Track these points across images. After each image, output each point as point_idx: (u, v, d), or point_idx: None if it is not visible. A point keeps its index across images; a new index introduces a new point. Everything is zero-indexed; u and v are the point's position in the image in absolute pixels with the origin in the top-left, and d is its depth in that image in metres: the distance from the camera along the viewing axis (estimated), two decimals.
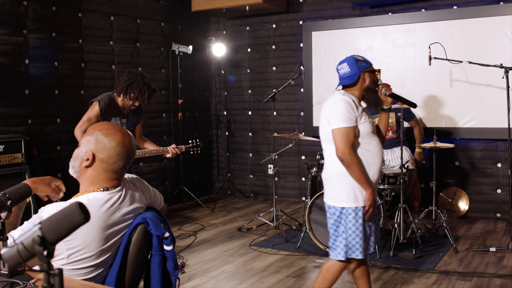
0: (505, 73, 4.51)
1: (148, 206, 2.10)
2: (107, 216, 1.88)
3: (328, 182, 3.03)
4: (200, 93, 7.47)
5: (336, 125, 2.87)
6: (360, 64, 3.01)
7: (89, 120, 4.09)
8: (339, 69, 3.07)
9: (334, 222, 2.97)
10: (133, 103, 4.13)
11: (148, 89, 4.07)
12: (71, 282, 1.76)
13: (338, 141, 2.86)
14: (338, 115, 2.86)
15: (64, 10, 5.47)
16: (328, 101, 3.00)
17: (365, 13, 6.43)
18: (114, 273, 1.92)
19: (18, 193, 1.77)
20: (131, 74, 4.09)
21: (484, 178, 5.89)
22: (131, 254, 1.94)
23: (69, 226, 1.13)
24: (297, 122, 6.92)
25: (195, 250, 4.86)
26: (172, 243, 1.98)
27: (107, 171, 1.92)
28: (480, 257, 4.46)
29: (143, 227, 1.95)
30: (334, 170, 2.96)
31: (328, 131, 2.94)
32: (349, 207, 2.91)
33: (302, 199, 6.23)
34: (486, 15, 5.64)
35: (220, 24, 7.52)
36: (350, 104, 2.89)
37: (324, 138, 3.02)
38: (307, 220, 4.70)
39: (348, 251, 2.94)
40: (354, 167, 2.85)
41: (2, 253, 1.13)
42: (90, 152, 1.91)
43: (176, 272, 1.99)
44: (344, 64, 3.03)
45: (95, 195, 1.89)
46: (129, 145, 1.96)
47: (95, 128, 1.95)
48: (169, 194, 6.83)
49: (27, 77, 5.10)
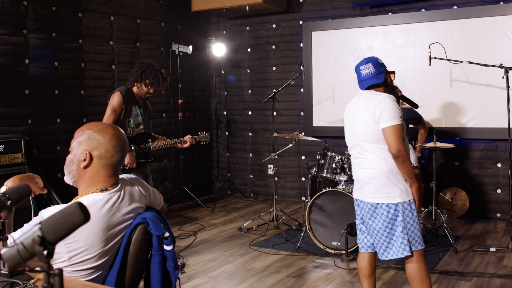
0: (505, 73, 4.51)
1: (148, 206, 2.10)
2: (107, 217, 1.88)
3: (375, 181, 2.99)
4: (200, 93, 7.47)
5: (390, 123, 2.88)
6: (382, 64, 3.09)
7: (114, 111, 4.16)
8: (361, 69, 3.07)
9: (389, 220, 2.96)
10: (147, 90, 4.27)
11: (161, 75, 4.28)
12: (71, 282, 1.76)
13: (393, 138, 2.87)
14: (391, 113, 2.88)
15: (64, 10, 5.47)
16: (369, 100, 2.97)
17: (365, 13, 6.43)
18: (114, 273, 1.92)
19: (18, 193, 1.77)
20: (143, 63, 4.27)
21: (484, 178, 5.89)
22: (131, 254, 1.94)
23: (69, 226, 1.14)
24: (297, 122, 6.92)
25: (195, 250, 4.86)
26: (172, 243, 1.98)
27: (106, 166, 1.92)
28: (480, 257, 4.45)
29: (143, 227, 1.95)
30: (384, 168, 2.96)
31: (376, 130, 2.94)
32: (404, 202, 2.94)
33: (302, 199, 6.23)
34: (486, 15, 5.64)
35: (220, 24, 7.52)
36: (395, 101, 2.95)
37: (368, 138, 2.99)
38: (307, 220, 4.71)
39: (411, 245, 2.96)
40: (408, 163, 2.90)
41: (2, 253, 1.13)
42: (86, 152, 1.91)
43: (176, 272, 1.99)
44: (368, 64, 3.06)
45: (94, 196, 1.89)
46: (122, 136, 1.97)
47: (83, 129, 1.95)
48: (169, 194, 6.83)
49: (27, 77, 5.10)
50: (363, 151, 3.04)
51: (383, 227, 2.99)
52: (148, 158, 4.33)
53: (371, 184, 3.02)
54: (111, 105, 4.18)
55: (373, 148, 2.99)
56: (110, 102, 4.20)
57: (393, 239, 2.97)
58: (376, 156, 2.99)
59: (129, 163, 4.15)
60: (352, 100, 3.15)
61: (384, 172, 2.96)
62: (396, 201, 2.94)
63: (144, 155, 4.30)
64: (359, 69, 3.09)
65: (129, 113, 4.24)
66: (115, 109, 4.16)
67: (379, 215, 3.00)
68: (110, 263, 1.93)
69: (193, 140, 4.48)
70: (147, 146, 4.31)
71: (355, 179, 3.18)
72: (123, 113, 4.19)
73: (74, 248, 1.80)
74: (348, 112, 3.17)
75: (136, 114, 4.29)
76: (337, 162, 4.77)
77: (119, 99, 4.17)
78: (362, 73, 3.07)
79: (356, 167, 3.14)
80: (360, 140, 3.04)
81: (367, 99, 2.99)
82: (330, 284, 3.91)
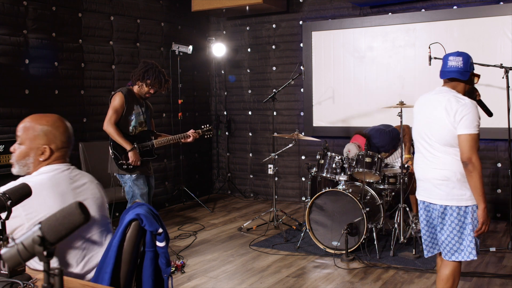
0: (505, 73, 4.51)
1: (101, 202, 2.25)
2: (64, 182, 2.09)
3: (447, 182, 2.92)
4: (200, 93, 7.47)
5: (468, 131, 2.81)
6: (472, 64, 3.02)
7: (116, 111, 4.18)
8: (450, 59, 2.99)
9: (458, 222, 2.92)
10: (148, 90, 4.30)
11: (163, 76, 4.32)
12: (71, 282, 1.76)
13: (468, 147, 2.80)
14: (471, 121, 2.81)
15: (64, 10, 5.47)
16: (452, 103, 2.88)
17: (365, 13, 6.43)
18: (109, 270, 1.91)
19: (18, 193, 1.77)
20: (146, 63, 4.31)
21: (484, 178, 5.83)
22: (126, 251, 1.94)
23: (69, 226, 1.14)
24: (297, 122, 6.92)
25: (195, 250, 4.86)
26: (165, 239, 1.98)
27: (65, 151, 2.18)
28: (480, 257, 4.45)
29: (137, 224, 1.95)
30: (458, 170, 2.88)
31: (453, 135, 2.86)
32: (473, 205, 2.89)
33: (302, 199, 6.23)
34: (486, 15, 5.64)
35: (220, 24, 7.52)
36: (477, 109, 2.88)
37: (443, 140, 2.91)
38: (307, 220, 4.71)
39: (477, 248, 2.95)
40: (476, 175, 2.80)
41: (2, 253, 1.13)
42: (45, 147, 2.09)
43: (168, 270, 1.99)
44: (459, 58, 2.98)
45: (49, 167, 2.10)
46: (69, 125, 2.24)
47: (35, 123, 2.13)
48: (169, 194, 6.83)
49: (27, 77, 5.10)
50: (435, 151, 2.96)
51: (456, 228, 2.93)
52: (152, 155, 4.35)
53: (443, 185, 2.93)
54: (113, 105, 4.19)
55: (448, 150, 2.91)
56: (112, 102, 4.21)
57: (465, 240, 2.92)
58: (451, 157, 2.91)
59: (134, 161, 4.16)
60: (431, 94, 3.04)
61: (457, 174, 2.89)
62: (467, 204, 2.89)
63: (148, 152, 4.32)
64: (448, 58, 3.00)
65: (131, 112, 4.25)
66: (117, 109, 4.18)
67: (447, 215, 2.94)
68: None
69: (197, 134, 4.51)
70: (151, 144, 4.33)
71: (421, 178, 3.07)
72: (124, 113, 4.20)
73: (31, 211, 1.95)
74: (423, 105, 3.05)
75: (138, 113, 4.30)
76: (337, 162, 4.76)
77: (121, 99, 4.19)
78: (448, 64, 2.98)
79: (424, 166, 3.03)
80: (434, 141, 2.95)
81: (449, 100, 2.89)
82: (330, 284, 3.91)
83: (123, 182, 4.30)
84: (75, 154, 5.43)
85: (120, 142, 4.14)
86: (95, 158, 5.35)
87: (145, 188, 4.29)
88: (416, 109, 3.12)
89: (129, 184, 4.24)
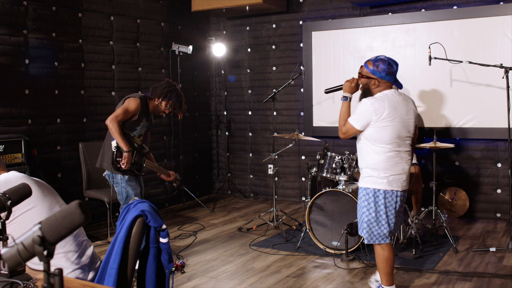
0: (505, 73, 4.51)
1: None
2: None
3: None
4: (200, 93, 7.47)
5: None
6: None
7: (126, 113, 4.14)
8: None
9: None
10: (164, 109, 4.32)
11: (183, 100, 4.38)
12: (71, 282, 1.76)
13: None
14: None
15: (64, 10, 5.47)
16: (410, 102, 3.62)
17: (365, 13, 6.43)
18: (115, 265, 1.92)
19: (18, 193, 1.78)
20: (170, 84, 4.34)
21: (484, 178, 5.89)
22: (132, 247, 1.95)
23: (69, 226, 1.14)
24: (297, 122, 6.92)
25: (195, 250, 4.86)
26: (168, 236, 2.00)
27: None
28: (480, 257, 4.46)
29: (142, 220, 1.96)
30: None
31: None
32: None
33: (302, 199, 6.23)
34: (486, 15, 5.64)
35: (220, 24, 7.52)
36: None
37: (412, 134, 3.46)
38: (307, 220, 4.71)
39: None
40: None
41: (2, 253, 1.13)
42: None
43: (170, 265, 2.01)
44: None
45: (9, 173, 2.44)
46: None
47: None
48: (169, 194, 6.83)
49: (27, 77, 5.10)
50: (407, 146, 3.39)
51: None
52: (140, 171, 4.33)
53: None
54: (125, 107, 4.14)
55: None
56: (126, 104, 4.16)
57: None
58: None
59: (126, 162, 4.10)
60: (394, 95, 3.49)
61: None
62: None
63: (137, 166, 4.29)
64: (397, 67, 3.50)
65: (139, 123, 4.23)
66: (128, 113, 4.14)
67: None
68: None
69: (173, 178, 4.53)
70: (143, 161, 4.31)
71: (403, 172, 3.38)
72: (132, 120, 4.18)
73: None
74: (395, 108, 3.38)
75: (143, 125, 4.27)
76: (337, 162, 4.77)
77: (137, 107, 4.17)
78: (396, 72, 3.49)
79: (403, 162, 3.37)
80: (410, 136, 3.41)
81: (409, 100, 3.53)
82: (330, 284, 3.92)
83: (115, 182, 4.24)
84: (75, 154, 5.44)
85: (120, 140, 4.08)
86: (95, 158, 5.33)
87: (138, 188, 4.29)
88: (386, 112, 3.45)
89: (122, 185, 4.21)
